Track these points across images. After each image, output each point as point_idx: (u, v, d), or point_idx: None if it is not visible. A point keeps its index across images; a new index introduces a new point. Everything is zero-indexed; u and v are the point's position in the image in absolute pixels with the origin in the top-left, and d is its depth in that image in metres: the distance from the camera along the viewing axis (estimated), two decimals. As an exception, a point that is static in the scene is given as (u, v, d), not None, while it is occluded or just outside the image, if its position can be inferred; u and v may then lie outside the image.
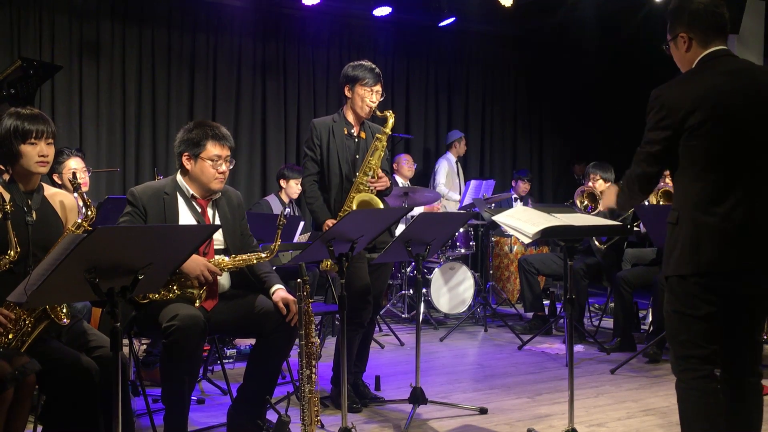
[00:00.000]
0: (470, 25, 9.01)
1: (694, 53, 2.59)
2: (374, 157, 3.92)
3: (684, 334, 2.56)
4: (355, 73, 3.98)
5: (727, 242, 2.47)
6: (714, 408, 2.53)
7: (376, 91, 3.99)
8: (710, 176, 2.49)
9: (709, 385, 2.54)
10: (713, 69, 2.54)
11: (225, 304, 3.28)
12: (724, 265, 2.48)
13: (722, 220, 2.47)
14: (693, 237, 2.50)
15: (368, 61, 4.07)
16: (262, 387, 3.28)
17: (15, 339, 2.63)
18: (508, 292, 7.42)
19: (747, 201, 2.47)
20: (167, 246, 2.36)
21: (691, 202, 2.52)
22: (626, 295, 5.36)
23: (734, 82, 2.50)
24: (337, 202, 3.95)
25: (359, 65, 4.02)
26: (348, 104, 4.04)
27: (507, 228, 3.22)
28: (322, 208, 3.94)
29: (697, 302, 2.52)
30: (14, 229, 2.64)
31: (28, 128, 2.79)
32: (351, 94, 4.00)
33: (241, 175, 7.96)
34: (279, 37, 8.25)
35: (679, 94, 2.52)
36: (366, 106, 3.98)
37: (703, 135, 2.47)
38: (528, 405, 4.07)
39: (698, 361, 2.54)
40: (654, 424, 3.74)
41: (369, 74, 3.97)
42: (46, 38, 7.09)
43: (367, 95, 3.97)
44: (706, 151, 2.48)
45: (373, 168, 3.91)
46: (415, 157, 8.65)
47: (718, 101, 2.47)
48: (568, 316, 3.35)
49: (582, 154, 9.27)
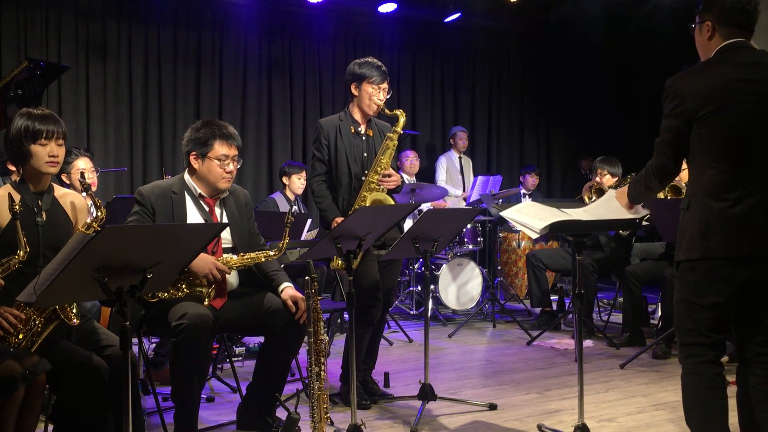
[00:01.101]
0: (476, 21, 8.99)
1: (715, 42, 2.61)
2: (385, 156, 3.90)
3: (689, 323, 2.60)
4: (362, 71, 3.95)
5: (737, 228, 2.49)
6: (715, 393, 2.56)
7: (383, 88, 3.96)
8: (722, 164, 2.52)
9: (711, 370, 2.57)
10: (729, 61, 2.56)
11: (234, 303, 3.29)
12: (733, 251, 2.50)
13: (732, 206, 2.49)
14: (702, 223, 2.52)
15: (374, 59, 4.04)
16: (272, 385, 3.29)
17: (25, 339, 2.65)
18: (517, 287, 7.41)
19: (758, 189, 2.49)
20: (176, 245, 2.37)
21: (702, 188, 2.55)
22: (635, 289, 5.34)
23: (748, 74, 2.53)
24: (346, 201, 3.93)
25: (365, 62, 3.99)
26: (354, 102, 4.00)
27: (515, 223, 3.20)
28: (331, 206, 3.92)
29: (703, 290, 2.55)
30: (24, 230, 2.64)
31: (39, 128, 2.80)
32: (358, 92, 3.96)
33: (247, 172, 7.97)
34: (284, 34, 8.25)
35: (693, 84, 2.55)
36: (374, 104, 3.95)
37: (714, 123, 2.50)
38: (537, 400, 4.06)
39: (701, 347, 2.57)
40: (664, 419, 3.73)
41: (376, 72, 3.94)
42: (52, 38, 7.10)
43: (374, 93, 3.94)
44: (717, 139, 2.51)
45: (384, 167, 3.88)
46: (422, 153, 8.65)
47: (731, 92, 2.50)
48: (577, 311, 3.34)
49: (589, 149, 9.24)
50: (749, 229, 2.48)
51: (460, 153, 8.32)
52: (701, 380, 2.57)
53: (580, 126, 9.89)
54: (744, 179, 2.50)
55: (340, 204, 3.94)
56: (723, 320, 2.58)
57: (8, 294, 2.63)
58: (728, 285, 2.52)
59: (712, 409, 2.56)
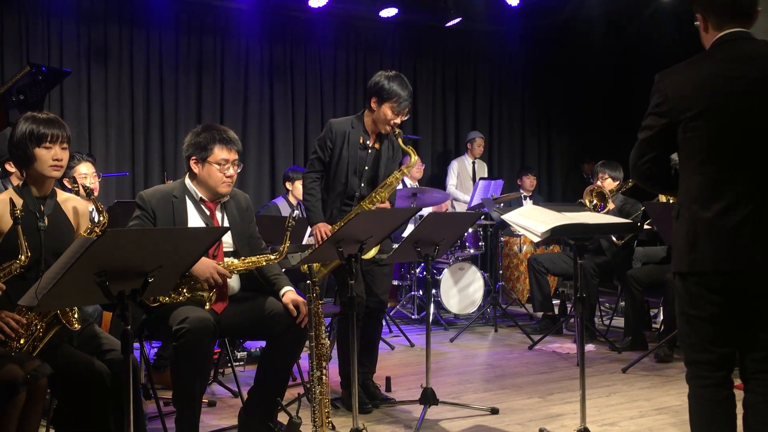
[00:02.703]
0: (477, 25, 9.00)
1: (711, 35, 2.46)
2: (385, 191, 3.88)
3: (692, 337, 2.46)
4: (390, 89, 3.77)
5: (726, 242, 2.34)
6: (724, 417, 2.42)
7: (404, 114, 3.85)
8: (708, 170, 2.37)
9: (720, 393, 2.42)
10: (718, 56, 2.41)
11: (235, 307, 3.29)
12: (721, 266, 2.35)
13: (720, 216, 2.34)
14: (690, 233, 2.39)
15: (404, 77, 3.87)
16: (273, 389, 3.28)
17: (27, 343, 2.65)
18: (518, 292, 7.40)
19: (749, 198, 2.33)
20: (177, 248, 2.37)
21: (690, 196, 2.41)
22: (637, 293, 5.33)
23: (736, 70, 2.36)
24: (335, 209, 3.91)
25: (397, 79, 3.81)
26: (370, 113, 3.90)
27: (517, 227, 3.20)
28: (317, 207, 3.89)
29: (700, 302, 2.41)
30: (26, 235, 2.65)
31: (44, 132, 2.81)
32: (377, 108, 3.83)
33: (249, 177, 7.98)
34: (286, 39, 8.26)
35: (679, 82, 2.42)
36: (388, 126, 3.86)
37: (699, 127, 2.37)
38: (539, 405, 4.05)
39: (708, 367, 2.43)
40: (667, 423, 3.72)
41: (403, 96, 3.77)
42: (54, 43, 7.13)
43: (393, 117, 3.81)
44: (703, 143, 2.37)
45: (380, 200, 3.86)
46: (423, 157, 8.65)
47: (716, 91, 2.35)
48: (579, 314, 3.33)
49: (591, 153, 9.23)
50: (739, 243, 2.32)
51: (475, 158, 8.31)
52: (711, 405, 2.42)
53: (581, 130, 9.90)
54: (732, 186, 2.34)
55: (329, 211, 3.92)
56: (726, 333, 2.42)
57: (10, 299, 2.64)
58: (722, 296, 2.38)
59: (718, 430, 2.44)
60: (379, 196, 3.87)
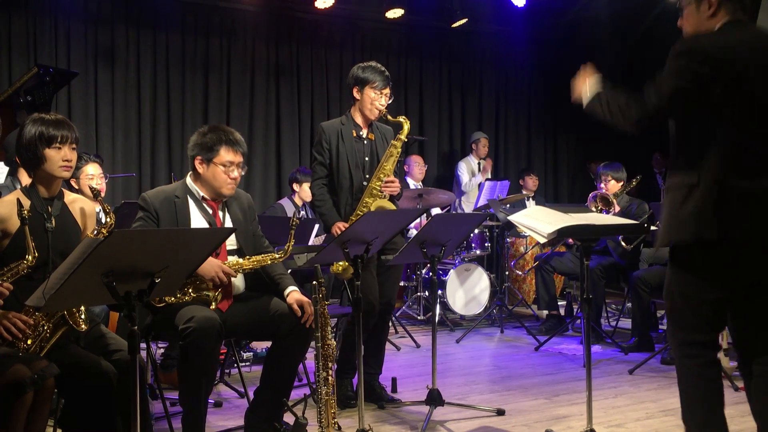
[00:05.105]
0: (483, 26, 8.99)
1: (718, 19, 2.47)
2: (389, 163, 3.93)
3: (689, 318, 2.51)
4: (364, 75, 3.97)
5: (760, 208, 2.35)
6: (715, 395, 2.52)
7: (385, 93, 3.97)
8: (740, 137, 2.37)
9: (712, 371, 2.52)
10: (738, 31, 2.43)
11: (240, 307, 3.29)
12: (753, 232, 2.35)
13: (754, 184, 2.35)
14: (718, 200, 2.36)
15: (377, 63, 4.06)
16: (279, 389, 3.28)
17: (34, 344, 2.66)
18: (524, 293, 7.38)
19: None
20: (184, 249, 2.37)
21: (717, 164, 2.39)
22: (644, 295, 5.32)
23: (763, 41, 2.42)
24: (347, 206, 3.95)
25: (368, 67, 4.01)
26: (356, 106, 4.03)
27: (523, 228, 3.20)
28: (331, 210, 3.94)
29: (706, 285, 2.44)
30: (33, 236, 2.66)
31: (53, 133, 2.83)
32: (360, 96, 3.99)
33: (255, 178, 7.98)
34: (292, 40, 8.27)
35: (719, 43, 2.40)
36: (375, 109, 3.97)
37: (731, 94, 2.35)
38: (546, 406, 4.04)
39: (700, 347, 2.51)
40: (674, 425, 3.71)
41: (379, 77, 3.96)
42: (61, 45, 7.15)
43: (376, 98, 3.96)
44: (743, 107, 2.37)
45: (386, 173, 3.92)
46: (430, 159, 8.64)
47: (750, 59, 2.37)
48: (585, 315, 3.33)
49: (597, 153, 9.20)
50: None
51: (480, 158, 8.31)
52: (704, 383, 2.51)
53: (588, 130, 9.85)
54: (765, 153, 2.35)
55: (342, 209, 3.95)
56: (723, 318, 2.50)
57: (17, 299, 2.64)
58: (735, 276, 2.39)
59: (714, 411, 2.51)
60: (384, 171, 3.92)
